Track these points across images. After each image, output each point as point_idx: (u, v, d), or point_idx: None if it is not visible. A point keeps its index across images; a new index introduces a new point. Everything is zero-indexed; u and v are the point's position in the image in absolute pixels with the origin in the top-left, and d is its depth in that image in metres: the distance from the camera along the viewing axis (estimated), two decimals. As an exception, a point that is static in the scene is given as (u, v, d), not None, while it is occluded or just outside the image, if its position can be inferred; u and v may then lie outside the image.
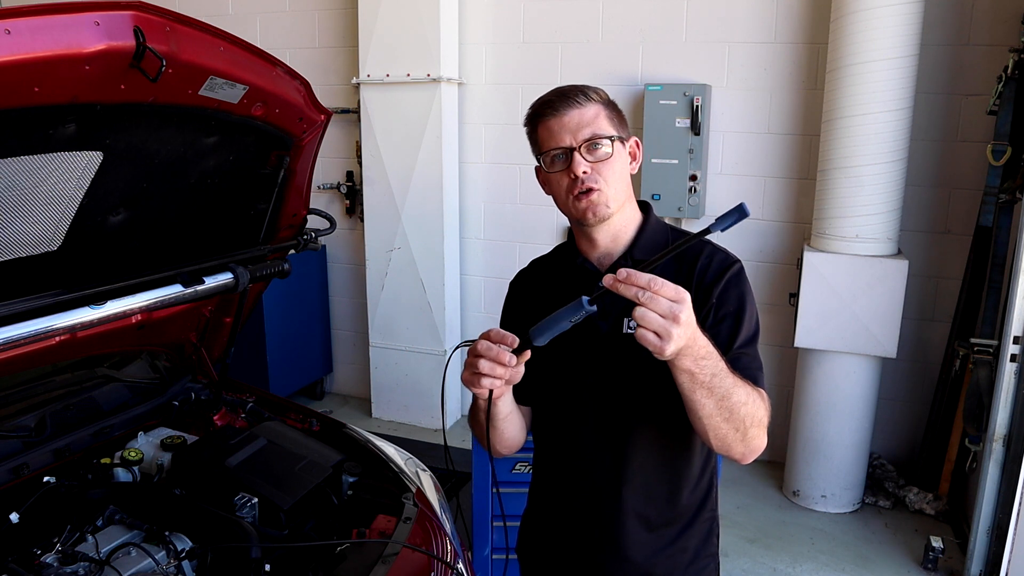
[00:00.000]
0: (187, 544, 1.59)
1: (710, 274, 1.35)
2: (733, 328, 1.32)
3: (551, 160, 1.35)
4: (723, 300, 1.33)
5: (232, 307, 2.26)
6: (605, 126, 1.33)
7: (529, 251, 1.83)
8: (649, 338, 1.05)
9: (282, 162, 1.96)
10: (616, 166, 1.34)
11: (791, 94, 3.96)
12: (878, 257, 3.49)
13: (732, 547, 3.43)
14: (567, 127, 1.32)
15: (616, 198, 1.35)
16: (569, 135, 1.32)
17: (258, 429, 2.02)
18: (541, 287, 1.52)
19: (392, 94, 4.40)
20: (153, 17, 1.34)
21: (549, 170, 1.36)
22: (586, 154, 1.31)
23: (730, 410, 1.19)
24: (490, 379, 1.19)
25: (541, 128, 1.36)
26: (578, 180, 1.32)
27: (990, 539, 3.08)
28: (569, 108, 1.32)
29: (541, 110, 1.36)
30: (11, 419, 1.91)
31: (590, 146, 1.32)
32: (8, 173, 1.35)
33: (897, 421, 4.09)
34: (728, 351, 1.29)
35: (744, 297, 1.35)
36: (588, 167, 1.31)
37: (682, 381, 1.15)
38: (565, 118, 1.32)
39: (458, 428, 4.77)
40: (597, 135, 1.32)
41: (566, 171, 1.33)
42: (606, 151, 1.32)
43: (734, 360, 1.27)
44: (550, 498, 1.55)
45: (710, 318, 1.32)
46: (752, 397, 1.22)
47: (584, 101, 1.33)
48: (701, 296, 1.34)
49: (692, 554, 1.46)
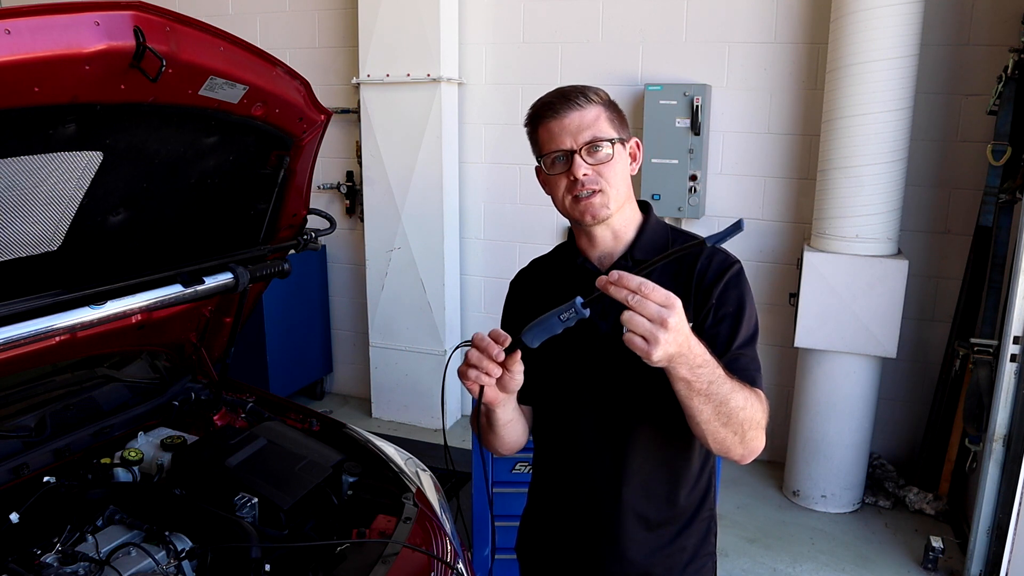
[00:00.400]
0: (187, 544, 1.59)
1: (709, 275, 1.35)
2: (732, 328, 1.32)
3: (551, 162, 1.35)
4: (722, 301, 1.34)
5: (232, 307, 2.26)
6: (606, 128, 1.33)
7: (529, 251, 1.83)
8: (636, 342, 1.06)
9: (282, 162, 1.96)
10: (617, 168, 1.34)
11: (791, 94, 3.96)
12: (878, 257, 3.49)
13: (732, 547, 3.43)
14: (567, 129, 1.32)
15: (616, 199, 1.35)
16: (569, 137, 1.32)
17: (258, 429, 2.02)
18: (541, 287, 1.52)
19: (392, 94, 4.40)
20: (153, 17, 1.34)
21: (549, 172, 1.36)
22: (586, 157, 1.31)
23: (728, 415, 1.19)
24: (476, 372, 1.19)
25: (541, 129, 1.36)
26: (578, 182, 1.32)
27: (990, 539, 3.08)
28: (569, 110, 1.32)
29: (541, 111, 1.35)
30: (11, 419, 1.91)
31: (590, 148, 1.31)
32: (8, 173, 1.35)
33: (897, 421, 4.09)
34: (727, 352, 1.29)
35: (743, 297, 1.35)
36: (589, 170, 1.31)
37: (679, 388, 1.16)
38: (565, 120, 1.32)
39: (458, 428, 4.77)
40: (597, 138, 1.31)
41: (566, 173, 1.33)
42: (607, 153, 1.32)
43: (732, 361, 1.28)
44: (550, 497, 1.55)
45: (709, 318, 1.33)
46: (750, 401, 1.22)
47: (584, 103, 1.33)
48: (700, 297, 1.34)
49: (691, 553, 1.46)
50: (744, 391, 1.21)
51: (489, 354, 1.18)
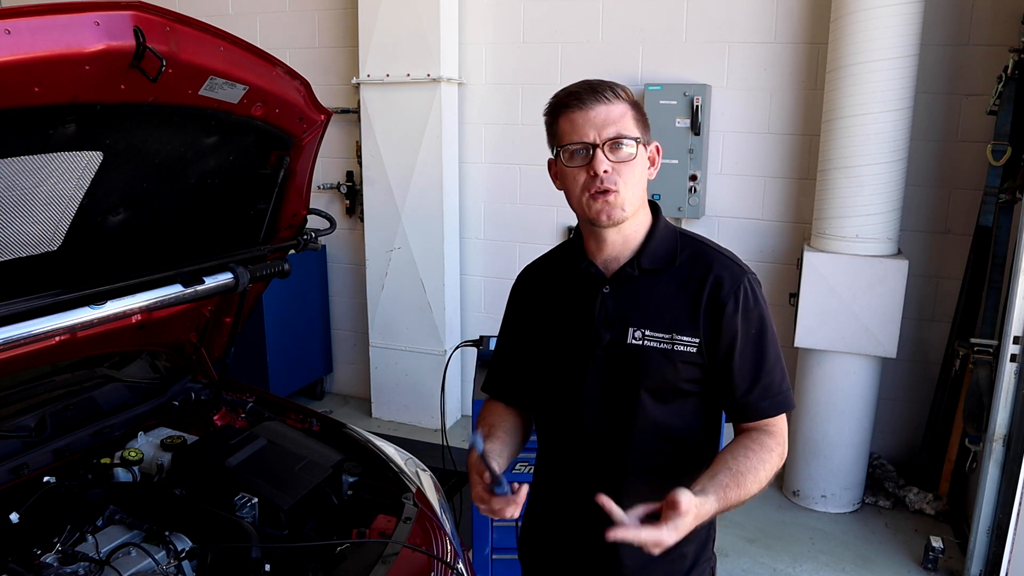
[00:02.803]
0: (187, 544, 1.59)
1: (723, 292, 1.33)
2: (757, 354, 1.34)
3: (571, 154, 1.30)
4: (742, 321, 1.33)
5: (232, 307, 2.26)
6: (631, 127, 1.29)
7: (529, 251, 1.83)
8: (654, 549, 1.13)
9: (282, 162, 1.96)
10: (636, 169, 1.31)
11: (791, 94, 3.96)
12: (878, 257, 3.49)
13: (732, 547, 3.43)
14: (592, 122, 1.28)
15: (632, 202, 1.32)
16: (594, 130, 1.27)
17: (258, 429, 2.02)
18: (544, 289, 1.50)
19: (392, 94, 4.40)
20: (153, 17, 1.34)
21: (567, 164, 1.31)
22: (609, 153, 1.28)
23: (751, 495, 1.27)
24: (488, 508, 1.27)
25: (563, 119, 1.31)
26: (597, 178, 1.28)
27: (990, 539, 3.08)
28: (597, 103, 1.28)
29: (566, 100, 1.31)
30: (11, 419, 1.91)
31: (614, 145, 1.28)
32: (8, 173, 1.35)
33: (897, 421, 4.09)
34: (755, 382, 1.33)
35: (762, 313, 1.36)
36: (609, 166, 1.27)
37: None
38: (591, 112, 1.28)
39: (458, 428, 4.76)
40: (622, 135, 1.28)
41: (585, 167, 1.29)
42: (629, 152, 1.29)
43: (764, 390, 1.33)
44: (549, 503, 1.55)
45: (735, 350, 1.33)
46: (767, 466, 1.28)
47: (612, 98, 1.29)
48: (713, 320, 1.33)
49: (691, 560, 1.46)
50: (761, 467, 1.28)
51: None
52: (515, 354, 1.55)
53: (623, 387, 1.35)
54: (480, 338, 2.82)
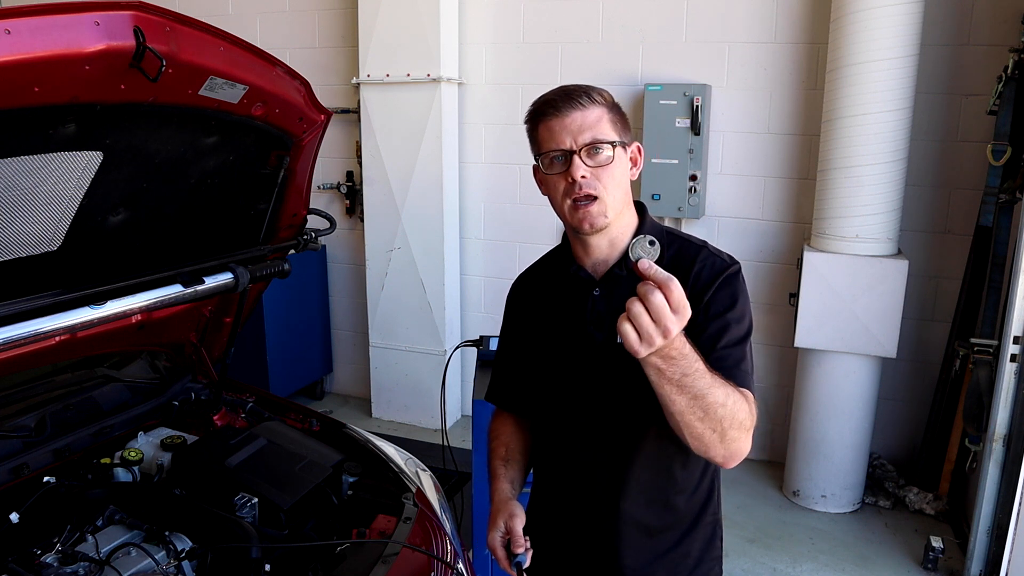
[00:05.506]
0: (187, 544, 1.59)
1: (702, 280, 1.33)
2: (720, 327, 1.30)
3: (550, 161, 1.32)
4: (712, 301, 1.31)
5: (232, 307, 2.26)
6: (607, 130, 1.30)
7: (529, 251, 1.83)
8: (630, 337, 1.03)
9: (282, 162, 1.96)
10: (616, 172, 1.31)
11: (791, 94, 3.96)
12: (878, 257, 3.49)
13: (732, 547, 3.43)
14: (568, 128, 1.29)
15: (614, 206, 1.32)
16: (570, 137, 1.29)
17: (258, 429, 2.02)
18: (538, 295, 1.52)
19: (392, 94, 4.40)
20: (153, 17, 1.34)
21: (547, 171, 1.33)
22: (586, 158, 1.28)
23: (704, 409, 1.15)
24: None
25: (542, 127, 1.33)
26: (576, 184, 1.28)
27: (990, 539, 3.08)
28: (572, 109, 1.29)
29: (543, 108, 1.32)
30: (11, 419, 1.91)
31: (590, 150, 1.28)
32: (8, 173, 1.35)
33: (897, 421, 4.09)
34: (713, 350, 1.26)
35: (735, 297, 1.32)
36: (587, 172, 1.28)
37: (649, 374, 1.12)
38: (567, 119, 1.29)
39: (458, 428, 4.77)
40: (598, 139, 1.29)
41: (564, 174, 1.30)
42: (607, 156, 1.29)
43: (718, 360, 1.24)
44: (549, 504, 1.55)
45: (699, 318, 1.29)
46: (732, 399, 1.17)
47: (587, 103, 1.30)
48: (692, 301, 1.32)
49: (696, 559, 1.45)
50: (726, 388, 1.17)
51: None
52: (515, 361, 1.57)
53: (619, 387, 1.35)
54: (480, 338, 2.82)
